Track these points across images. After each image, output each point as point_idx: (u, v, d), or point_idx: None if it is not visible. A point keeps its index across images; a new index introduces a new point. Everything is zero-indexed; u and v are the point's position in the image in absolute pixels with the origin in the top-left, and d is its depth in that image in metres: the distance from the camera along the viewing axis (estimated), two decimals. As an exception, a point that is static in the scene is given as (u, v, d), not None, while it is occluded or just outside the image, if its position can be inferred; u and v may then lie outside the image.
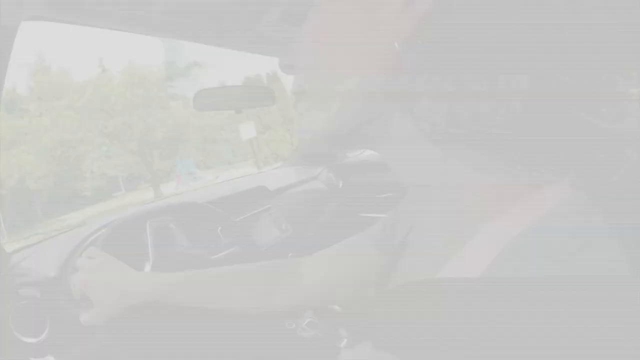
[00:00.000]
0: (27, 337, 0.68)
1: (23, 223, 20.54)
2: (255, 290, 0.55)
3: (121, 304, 0.52)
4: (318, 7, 0.28)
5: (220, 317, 0.55)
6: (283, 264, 0.58)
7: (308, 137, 0.30)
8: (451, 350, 0.22)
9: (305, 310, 1.15)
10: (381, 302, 0.35)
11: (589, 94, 0.22)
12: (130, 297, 0.52)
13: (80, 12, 0.57)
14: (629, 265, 0.22)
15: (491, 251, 0.24)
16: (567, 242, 0.22)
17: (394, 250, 0.41)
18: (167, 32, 0.79)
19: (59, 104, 14.13)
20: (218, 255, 0.87)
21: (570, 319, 0.20)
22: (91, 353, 0.74)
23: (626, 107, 0.23)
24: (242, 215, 1.11)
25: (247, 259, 0.99)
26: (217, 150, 18.33)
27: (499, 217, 0.25)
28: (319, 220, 1.33)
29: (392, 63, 0.24)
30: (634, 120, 0.23)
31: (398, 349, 0.25)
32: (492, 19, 0.21)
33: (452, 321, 0.23)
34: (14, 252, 0.84)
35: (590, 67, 0.22)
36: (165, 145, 16.36)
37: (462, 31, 0.22)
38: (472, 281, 0.23)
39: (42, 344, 0.69)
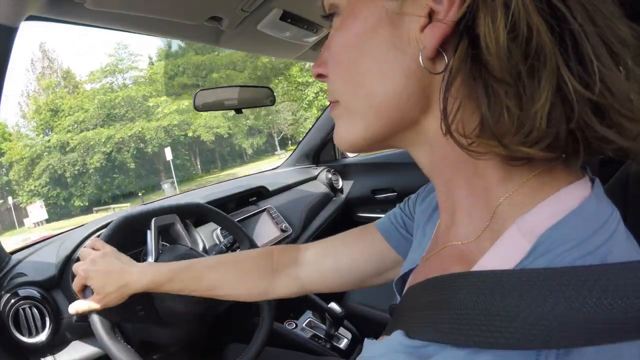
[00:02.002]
0: (27, 337, 0.68)
1: (186, 176, 22.32)
2: (253, 277, 0.54)
3: (121, 293, 0.53)
4: (342, 20, 0.27)
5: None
6: (283, 251, 0.57)
7: (345, 146, 0.30)
8: None
9: (305, 311, 1.16)
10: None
11: None
12: (130, 285, 0.53)
13: (81, 11, 0.56)
14: None
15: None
16: None
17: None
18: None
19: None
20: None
21: None
22: (91, 353, 0.74)
23: None
24: (243, 215, 1.11)
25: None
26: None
27: None
28: (319, 220, 1.33)
29: (416, 76, 0.24)
30: None
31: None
32: None
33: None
34: (14, 252, 0.84)
35: None
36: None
37: None
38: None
39: (42, 344, 0.68)
